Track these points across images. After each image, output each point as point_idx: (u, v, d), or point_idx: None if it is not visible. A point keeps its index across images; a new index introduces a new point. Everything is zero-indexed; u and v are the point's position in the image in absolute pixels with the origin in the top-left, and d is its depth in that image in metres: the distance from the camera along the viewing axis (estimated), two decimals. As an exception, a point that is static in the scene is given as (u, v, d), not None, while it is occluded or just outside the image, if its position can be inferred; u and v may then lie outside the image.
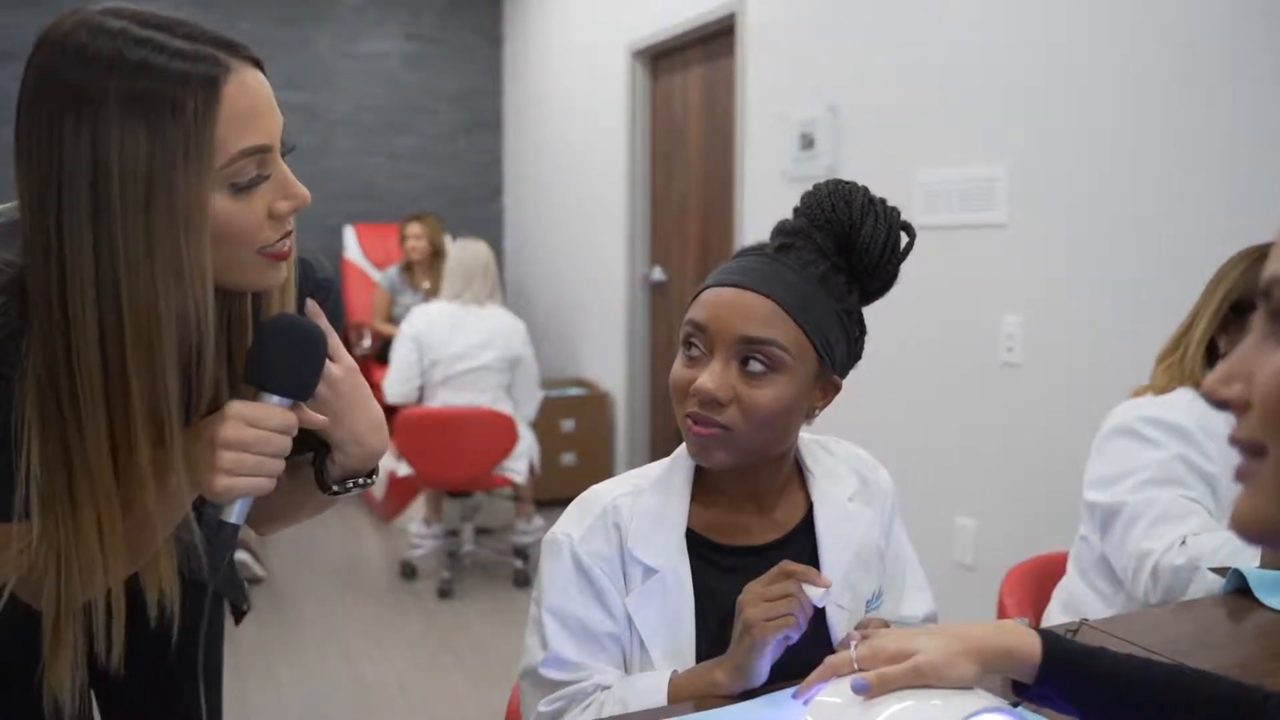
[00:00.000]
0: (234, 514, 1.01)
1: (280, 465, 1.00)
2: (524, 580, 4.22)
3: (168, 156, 0.89)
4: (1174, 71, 2.42)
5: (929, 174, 3.13)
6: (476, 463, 4.04)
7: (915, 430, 3.22)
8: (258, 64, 0.97)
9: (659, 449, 4.98)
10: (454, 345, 4.07)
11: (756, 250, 1.22)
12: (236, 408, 0.99)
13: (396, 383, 4.09)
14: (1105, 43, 2.58)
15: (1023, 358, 2.86)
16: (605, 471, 5.19)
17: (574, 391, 5.35)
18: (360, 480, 1.14)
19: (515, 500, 4.40)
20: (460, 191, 7.01)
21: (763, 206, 4.00)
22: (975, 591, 2.96)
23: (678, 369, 1.20)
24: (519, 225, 6.90)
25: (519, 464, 4.13)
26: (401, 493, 4.77)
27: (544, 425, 4.71)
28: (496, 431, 4.04)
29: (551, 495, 4.83)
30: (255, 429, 0.98)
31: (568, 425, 5.19)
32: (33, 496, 0.94)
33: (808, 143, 3.64)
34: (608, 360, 5.38)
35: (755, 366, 1.15)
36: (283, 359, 1.02)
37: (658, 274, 4.98)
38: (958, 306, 3.06)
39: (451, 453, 4.00)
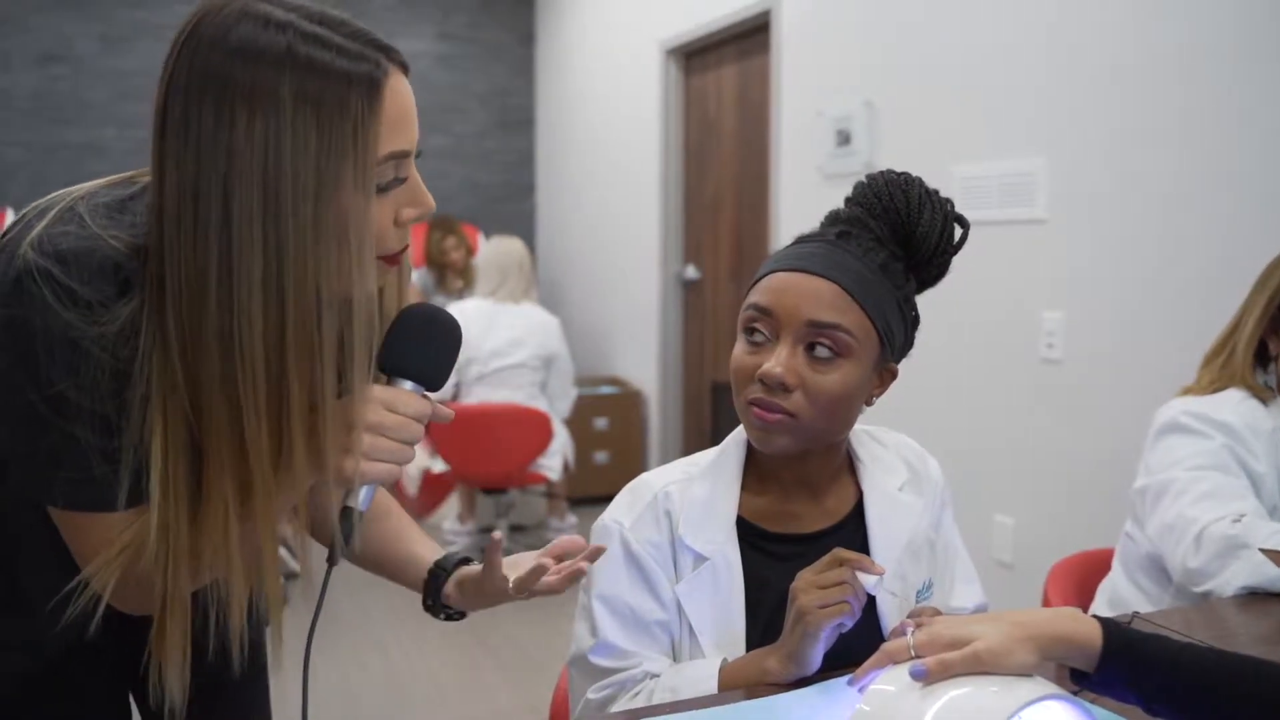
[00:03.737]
0: (360, 500, 0.98)
1: (413, 454, 0.99)
2: (557, 577, 4.22)
3: (335, 155, 0.89)
4: (1215, 62, 2.39)
5: (967, 169, 3.10)
6: (511, 459, 4.05)
7: (954, 426, 3.20)
8: (405, 69, 0.97)
9: (691, 447, 4.96)
10: (489, 342, 4.07)
11: (817, 237, 1.21)
12: (376, 391, 0.96)
13: (433, 380, 4.11)
14: (1147, 34, 2.55)
15: (1063, 354, 2.83)
16: (638, 470, 5.17)
17: (606, 390, 5.35)
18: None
19: (548, 498, 4.40)
20: (492, 190, 7.03)
21: (798, 203, 3.98)
22: (1014, 590, 2.93)
23: (739, 355, 1.19)
24: (551, 224, 6.91)
25: (554, 461, 4.13)
26: (436, 489, 4.78)
27: (577, 423, 4.71)
28: (531, 428, 4.05)
29: (584, 493, 4.84)
30: (394, 414, 0.96)
31: (600, 423, 5.19)
32: (154, 483, 0.92)
33: (844, 139, 3.63)
34: (641, 359, 5.38)
35: (821, 351, 1.15)
36: (424, 347, 1.01)
37: (691, 272, 4.97)
38: (998, 302, 3.03)
39: (487, 449, 4.01)
